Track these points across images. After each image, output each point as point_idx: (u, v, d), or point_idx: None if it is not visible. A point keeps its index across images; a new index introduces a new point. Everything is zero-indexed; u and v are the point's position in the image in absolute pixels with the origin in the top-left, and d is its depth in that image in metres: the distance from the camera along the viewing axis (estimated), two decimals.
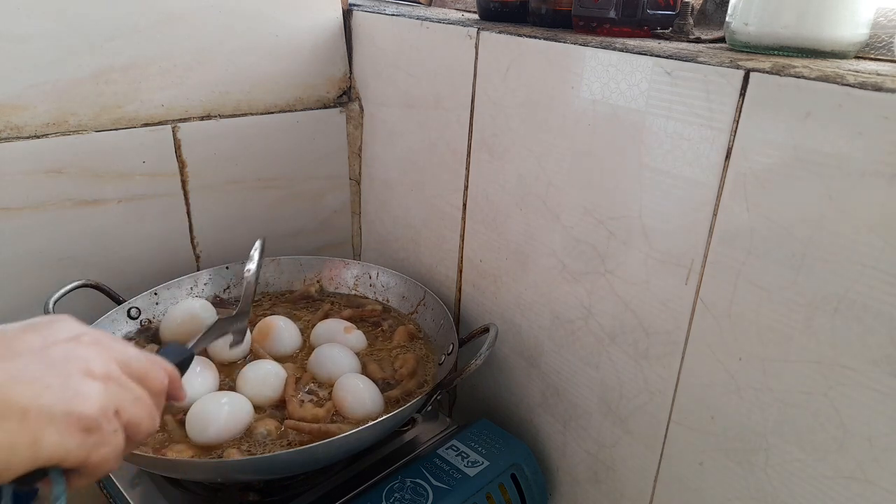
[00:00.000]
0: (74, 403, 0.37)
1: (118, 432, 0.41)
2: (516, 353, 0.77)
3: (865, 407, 0.46)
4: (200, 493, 0.67)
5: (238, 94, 0.87)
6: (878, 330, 0.44)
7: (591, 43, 0.60)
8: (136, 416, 0.42)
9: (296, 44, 0.89)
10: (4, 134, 0.72)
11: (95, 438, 0.38)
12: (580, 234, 0.65)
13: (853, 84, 0.43)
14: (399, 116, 0.89)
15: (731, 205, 0.51)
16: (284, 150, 0.93)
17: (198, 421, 0.63)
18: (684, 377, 0.58)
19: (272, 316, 0.79)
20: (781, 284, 0.49)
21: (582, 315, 0.67)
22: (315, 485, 0.68)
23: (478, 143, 0.76)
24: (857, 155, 0.43)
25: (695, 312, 0.56)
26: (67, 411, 0.37)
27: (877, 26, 0.53)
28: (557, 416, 0.74)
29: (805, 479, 0.50)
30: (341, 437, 0.59)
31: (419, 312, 0.84)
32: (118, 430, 0.41)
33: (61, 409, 0.37)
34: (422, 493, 0.64)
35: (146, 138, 0.80)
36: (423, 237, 0.90)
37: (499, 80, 0.70)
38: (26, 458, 0.36)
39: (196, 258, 0.90)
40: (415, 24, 0.81)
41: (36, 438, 0.36)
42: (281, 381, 0.69)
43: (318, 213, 1.00)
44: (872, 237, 0.43)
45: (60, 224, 0.77)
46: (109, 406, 0.40)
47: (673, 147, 0.54)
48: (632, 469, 0.65)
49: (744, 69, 0.48)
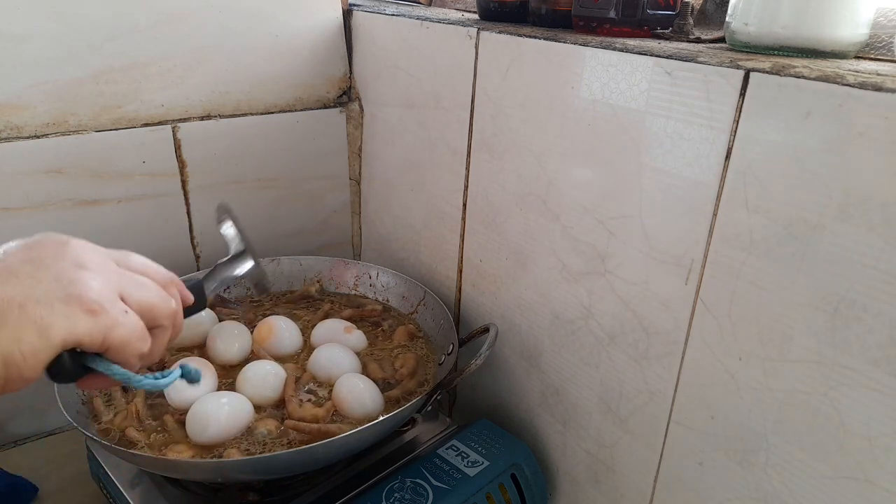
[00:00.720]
0: (70, 288, 0.38)
1: (129, 314, 0.41)
2: (516, 353, 0.77)
3: (865, 407, 0.45)
4: (200, 493, 0.67)
5: (238, 94, 0.87)
6: (878, 330, 0.44)
7: (591, 43, 0.60)
8: (144, 298, 0.43)
9: (296, 44, 0.89)
10: (4, 134, 0.72)
11: (104, 320, 0.39)
12: (580, 234, 0.65)
13: (853, 84, 0.43)
14: (399, 116, 0.89)
15: (731, 205, 0.51)
16: (284, 150, 0.93)
17: (198, 421, 0.63)
18: (684, 377, 0.58)
19: (273, 316, 0.79)
20: (781, 284, 0.49)
21: (582, 315, 0.67)
22: (315, 485, 0.68)
23: (478, 142, 0.76)
24: (857, 155, 0.43)
25: (695, 312, 0.56)
26: (65, 295, 0.38)
27: (877, 26, 0.53)
28: (557, 416, 0.74)
29: (805, 478, 0.50)
30: (341, 437, 0.59)
31: (419, 312, 0.84)
32: (128, 311, 0.41)
33: (58, 295, 0.38)
34: (422, 493, 0.64)
35: (146, 138, 0.80)
36: (423, 237, 0.90)
37: (499, 80, 0.70)
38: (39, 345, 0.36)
39: (196, 258, 0.90)
40: (415, 24, 0.81)
41: (42, 325, 0.36)
42: (281, 381, 0.69)
43: (318, 213, 1.01)
44: (872, 237, 0.43)
45: (60, 224, 0.77)
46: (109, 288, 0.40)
47: (673, 147, 0.54)
48: (632, 469, 0.65)
49: (744, 69, 0.48)
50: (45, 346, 0.37)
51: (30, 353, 0.36)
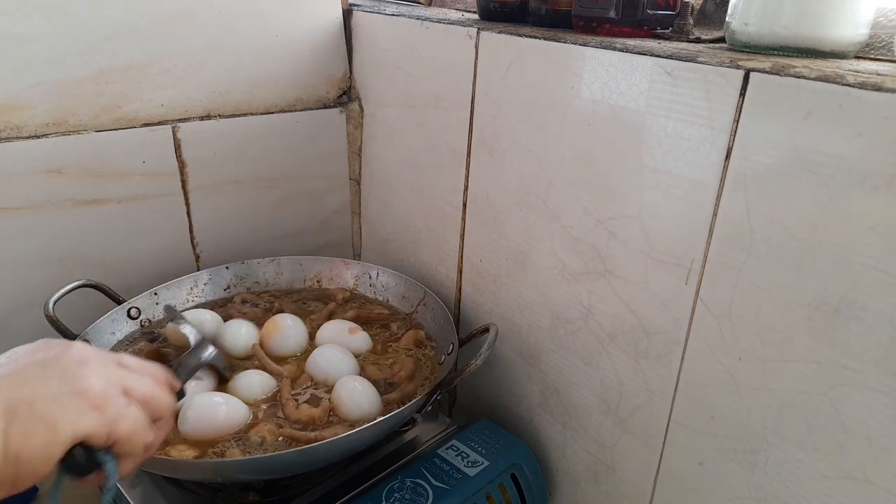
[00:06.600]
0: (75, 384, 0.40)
1: (132, 406, 0.43)
2: (516, 353, 0.77)
3: (865, 407, 0.45)
4: (200, 493, 0.67)
5: (238, 94, 0.87)
6: (878, 330, 0.44)
7: (591, 43, 0.60)
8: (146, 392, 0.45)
9: (296, 44, 0.89)
10: (4, 134, 0.72)
11: (110, 413, 0.41)
12: (580, 234, 0.65)
13: (853, 84, 0.43)
14: (399, 116, 0.89)
15: (731, 205, 0.51)
16: (284, 150, 0.93)
17: (193, 414, 0.63)
18: (684, 377, 0.58)
19: (281, 314, 0.79)
20: (781, 284, 0.49)
21: (582, 315, 0.67)
22: (315, 485, 0.68)
23: (478, 142, 0.76)
24: (857, 155, 0.43)
25: (695, 312, 0.56)
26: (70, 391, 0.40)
27: (877, 26, 0.53)
28: (557, 416, 0.74)
29: (805, 479, 0.50)
30: (342, 437, 0.59)
31: (419, 312, 0.84)
32: (131, 404, 0.43)
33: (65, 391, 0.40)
34: (422, 493, 0.64)
35: (146, 138, 0.80)
36: (423, 237, 0.90)
37: (499, 80, 0.70)
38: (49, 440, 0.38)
39: (196, 258, 0.90)
40: (415, 24, 0.81)
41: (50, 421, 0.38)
42: (269, 389, 0.70)
43: (318, 213, 1.00)
44: (872, 237, 0.43)
45: (60, 224, 0.77)
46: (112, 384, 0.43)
47: (673, 147, 0.54)
48: (632, 469, 0.65)
49: (744, 69, 0.48)
50: (55, 441, 0.38)
51: (40, 449, 0.38)
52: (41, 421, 0.38)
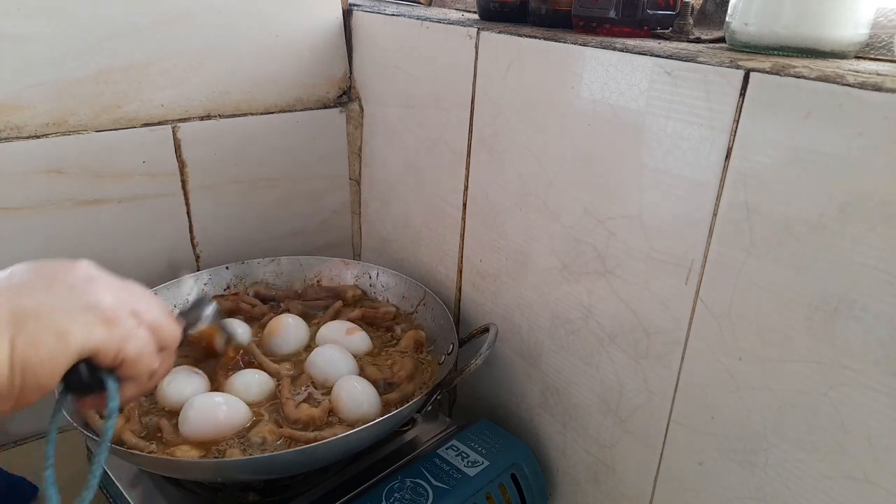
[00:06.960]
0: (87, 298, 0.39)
1: (142, 328, 0.42)
2: (516, 353, 0.77)
3: (865, 407, 0.45)
4: (200, 493, 0.67)
5: (238, 94, 0.87)
6: (878, 330, 0.44)
7: (591, 43, 0.60)
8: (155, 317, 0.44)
9: (296, 44, 0.89)
10: (4, 134, 0.72)
11: (120, 331, 0.40)
12: (580, 234, 0.65)
13: (853, 84, 0.43)
14: (399, 116, 0.89)
15: (731, 205, 0.51)
16: (284, 150, 0.93)
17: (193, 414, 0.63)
18: (684, 377, 0.58)
19: (284, 314, 0.79)
20: (781, 284, 0.49)
21: (582, 315, 0.67)
22: (315, 485, 0.68)
23: (478, 142, 0.76)
24: (857, 155, 0.43)
25: (695, 312, 0.56)
26: (82, 304, 0.39)
27: (877, 26, 0.53)
28: (557, 416, 0.74)
29: (805, 479, 0.50)
30: (341, 437, 0.59)
31: (419, 312, 0.84)
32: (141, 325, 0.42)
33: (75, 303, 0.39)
34: (422, 493, 0.64)
35: (146, 138, 0.80)
36: (423, 237, 0.90)
37: (499, 80, 0.70)
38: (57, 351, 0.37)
39: (196, 258, 0.90)
40: (415, 24, 0.81)
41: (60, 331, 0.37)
42: (267, 389, 0.70)
43: (318, 213, 1.00)
44: (872, 237, 0.43)
45: (60, 224, 0.77)
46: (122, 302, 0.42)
47: (673, 147, 0.54)
48: (632, 469, 0.65)
49: (744, 69, 0.48)
50: (63, 353, 0.37)
51: (48, 359, 0.36)
52: (51, 331, 0.36)
